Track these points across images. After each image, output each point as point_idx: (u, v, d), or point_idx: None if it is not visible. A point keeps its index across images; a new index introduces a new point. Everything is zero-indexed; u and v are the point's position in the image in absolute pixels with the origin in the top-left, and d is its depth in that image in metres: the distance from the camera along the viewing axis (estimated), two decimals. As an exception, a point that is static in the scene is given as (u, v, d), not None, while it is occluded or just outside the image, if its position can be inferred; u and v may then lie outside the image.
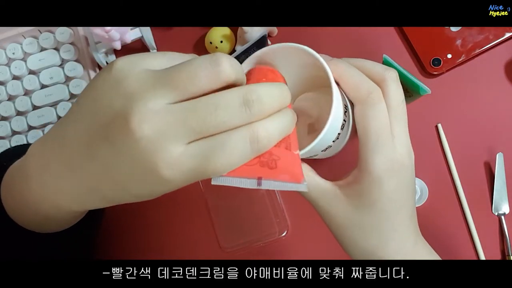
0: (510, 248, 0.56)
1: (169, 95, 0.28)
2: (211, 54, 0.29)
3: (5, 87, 0.65)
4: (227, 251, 0.61)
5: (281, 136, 0.30)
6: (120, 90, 0.28)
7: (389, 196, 0.36)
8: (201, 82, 0.28)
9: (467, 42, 0.59)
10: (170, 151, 0.27)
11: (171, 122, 0.27)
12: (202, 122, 0.27)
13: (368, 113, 0.35)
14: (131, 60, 0.29)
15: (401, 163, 0.36)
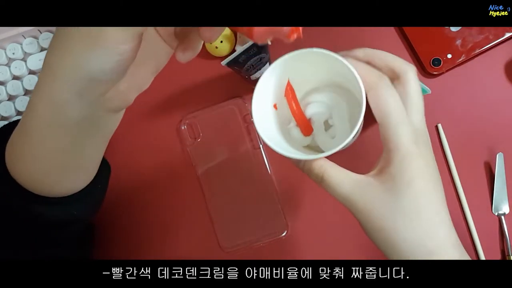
0: (510, 248, 0.56)
1: None
2: None
3: (5, 87, 0.65)
4: (227, 251, 0.61)
5: None
6: None
7: (424, 173, 0.35)
8: None
9: (467, 42, 0.59)
10: None
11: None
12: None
13: (383, 93, 0.35)
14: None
15: (422, 132, 0.37)
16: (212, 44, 0.63)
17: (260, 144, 0.62)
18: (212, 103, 0.63)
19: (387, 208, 0.35)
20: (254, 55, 0.53)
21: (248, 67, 0.54)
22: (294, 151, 0.39)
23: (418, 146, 0.35)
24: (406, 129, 0.35)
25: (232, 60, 0.52)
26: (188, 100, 0.65)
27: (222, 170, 0.62)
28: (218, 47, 0.63)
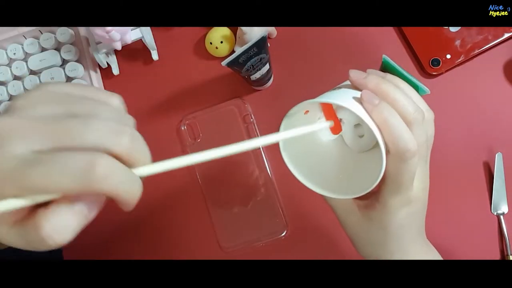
0: (509, 248, 0.56)
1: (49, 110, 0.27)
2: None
3: (6, 88, 0.65)
4: (227, 251, 0.61)
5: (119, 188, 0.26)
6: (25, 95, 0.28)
7: (399, 223, 0.39)
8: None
9: (466, 42, 0.59)
10: (9, 149, 0.25)
11: (33, 126, 0.26)
12: (64, 135, 0.26)
13: (399, 166, 0.35)
14: (53, 81, 0.30)
15: (415, 199, 0.38)
16: (212, 44, 0.63)
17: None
18: (212, 104, 0.63)
19: (361, 233, 0.42)
20: (254, 55, 0.53)
21: (248, 68, 0.54)
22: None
23: (404, 206, 0.38)
24: (400, 196, 0.37)
25: (232, 60, 0.52)
26: (188, 101, 0.65)
27: (222, 170, 0.63)
28: (218, 48, 0.63)
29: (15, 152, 0.25)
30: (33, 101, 0.28)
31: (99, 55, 0.63)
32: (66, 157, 0.25)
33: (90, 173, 0.24)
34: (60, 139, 0.25)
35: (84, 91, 0.29)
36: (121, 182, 0.26)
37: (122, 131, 0.26)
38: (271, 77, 0.62)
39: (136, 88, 0.66)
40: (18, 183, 0.25)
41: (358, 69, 0.44)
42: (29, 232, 0.26)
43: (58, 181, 0.24)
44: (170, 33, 0.67)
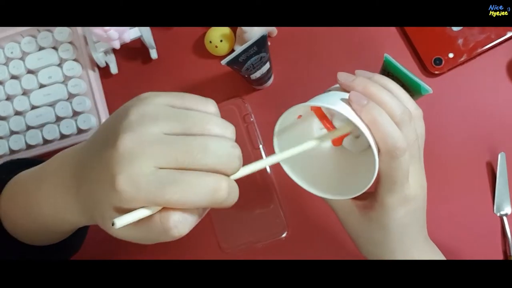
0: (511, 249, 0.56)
1: (167, 127, 0.30)
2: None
3: (3, 87, 0.65)
4: (227, 251, 0.61)
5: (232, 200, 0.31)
6: (135, 109, 0.31)
7: (398, 222, 0.39)
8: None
9: (468, 41, 0.59)
10: (139, 166, 0.29)
11: (158, 145, 0.29)
12: (187, 155, 0.29)
13: (392, 164, 0.36)
14: (153, 92, 0.33)
15: (413, 196, 0.39)
16: (212, 43, 0.62)
17: (260, 144, 0.61)
18: (211, 103, 0.63)
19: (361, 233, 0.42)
20: (254, 54, 0.53)
21: (248, 67, 0.54)
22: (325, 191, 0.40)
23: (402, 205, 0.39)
24: (397, 194, 0.38)
25: (232, 59, 0.52)
26: (187, 100, 0.64)
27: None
28: (218, 47, 0.62)
29: (144, 171, 0.29)
30: (146, 118, 0.31)
31: (97, 54, 0.62)
32: (196, 179, 0.29)
33: (216, 194, 0.29)
34: (184, 160, 0.29)
35: (185, 101, 0.33)
36: (233, 196, 0.31)
37: (233, 155, 0.31)
38: (271, 76, 0.62)
39: (135, 87, 0.66)
40: (153, 199, 0.29)
41: (360, 69, 0.44)
42: (155, 225, 0.30)
43: (190, 200, 0.29)
44: (169, 31, 0.66)
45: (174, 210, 0.29)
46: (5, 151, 0.64)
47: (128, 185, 0.28)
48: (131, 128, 0.30)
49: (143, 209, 0.29)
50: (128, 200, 0.29)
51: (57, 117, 0.64)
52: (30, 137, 0.64)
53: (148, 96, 0.33)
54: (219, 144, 0.31)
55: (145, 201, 0.29)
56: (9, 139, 0.64)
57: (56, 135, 0.64)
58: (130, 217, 0.29)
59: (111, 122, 0.33)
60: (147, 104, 0.32)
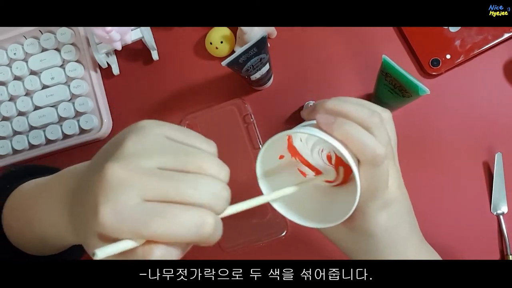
0: (509, 248, 0.56)
1: (162, 161, 0.30)
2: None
3: (7, 88, 0.65)
4: (227, 250, 0.61)
5: (216, 238, 0.31)
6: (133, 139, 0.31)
7: (383, 226, 0.39)
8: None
9: (466, 42, 0.59)
10: (124, 197, 0.28)
11: (148, 177, 0.29)
12: (177, 190, 0.29)
13: (372, 172, 0.36)
14: (154, 121, 0.33)
15: (393, 200, 0.39)
16: (212, 44, 0.63)
17: (260, 145, 0.62)
18: (212, 104, 0.63)
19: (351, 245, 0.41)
20: (254, 55, 0.53)
21: (248, 68, 0.54)
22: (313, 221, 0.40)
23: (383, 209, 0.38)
24: (377, 201, 0.38)
25: (232, 60, 0.52)
26: (188, 101, 0.65)
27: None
28: (218, 48, 0.63)
29: (130, 202, 0.28)
30: (142, 150, 0.30)
31: (99, 55, 0.63)
32: (182, 213, 0.28)
33: (202, 229, 0.29)
34: (172, 195, 0.29)
35: (186, 137, 0.33)
36: (218, 234, 0.31)
37: (222, 196, 0.31)
38: (271, 77, 0.62)
39: (136, 88, 0.66)
40: (138, 231, 0.28)
41: (358, 69, 0.44)
42: (135, 258, 0.29)
43: (176, 233, 0.28)
44: (170, 33, 0.67)
45: (157, 244, 0.29)
46: (8, 151, 0.65)
47: (111, 216, 0.28)
48: (123, 158, 0.30)
49: (127, 241, 0.28)
50: (111, 231, 0.28)
51: (59, 117, 0.65)
52: (33, 137, 0.65)
53: (149, 125, 0.32)
54: (211, 183, 0.30)
55: (128, 232, 0.28)
56: (12, 139, 0.65)
57: (58, 135, 0.65)
58: (112, 249, 0.28)
59: (109, 147, 0.33)
60: (146, 135, 0.31)
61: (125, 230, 0.28)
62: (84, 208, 0.31)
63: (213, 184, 0.31)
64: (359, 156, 0.36)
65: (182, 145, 0.32)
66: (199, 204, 0.29)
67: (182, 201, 0.29)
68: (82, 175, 0.34)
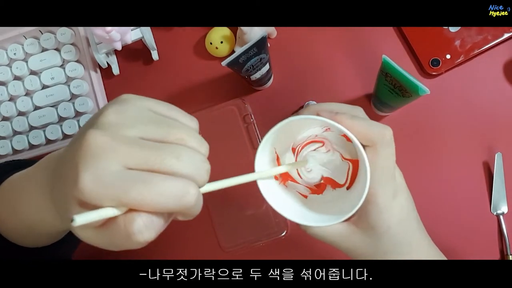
0: (509, 248, 0.56)
1: (144, 131, 0.30)
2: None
3: (6, 88, 0.65)
4: (227, 251, 0.61)
5: (197, 209, 0.31)
6: (114, 108, 0.30)
7: (397, 218, 0.38)
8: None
9: (466, 42, 0.59)
10: (105, 163, 0.28)
11: (129, 145, 0.28)
12: (159, 159, 0.28)
13: (382, 154, 0.37)
14: (137, 96, 0.32)
15: (400, 186, 0.39)
16: (212, 44, 0.63)
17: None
18: (212, 104, 0.63)
19: (368, 248, 0.39)
20: (254, 55, 0.53)
21: (248, 68, 0.55)
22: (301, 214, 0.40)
23: (395, 198, 0.38)
24: (388, 187, 0.38)
25: (232, 60, 0.52)
26: (188, 101, 0.65)
27: (222, 170, 0.62)
28: (218, 48, 0.63)
29: (111, 168, 0.27)
30: (124, 119, 0.30)
31: (99, 55, 0.63)
32: (164, 182, 0.28)
33: (184, 198, 0.28)
34: (155, 164, 0.28)
35: (168, 110, 0.33)
36: (199, 206, 0.30)
37: (203, 168, 0.30)
38: (271, 77, 0.62)
39: (137, 88, 0.66)
40: (117, 197, 0.27)
41: (358, 69, 0.44)
42: (118, 230, 0.28)
43: (157, 201, 0.28)
44: (170, 33, 0.67)
45: (139, 212, 0.28)
46: (8, 151, 0.65)
47: (91, 182, 0.27)
48: (104, 126, 0.29)
49: (108, 209, 0.27)
50: (91, 197, 0.27)
51: (59, 117, 0.65)
52: (33, 137, 0.65)
53: (132, 98, 0.32)
54: (193, 154, 0.30)
55: (108, 198, 0.27)
56: (12, 139, 0.65)
57: (58, 135, 0.65)
58: (91, 215, 0.27)
59: (90, 120, 0.32)
60: (128, 105, 0.31)
61: (106, 196, 0.27)
62: (64, 181, 0.30)
63: (195, 156, 0.30)
64: (367, 138, 0.36)
65: (164, 117, 0.32)
66: (181, 174, 0.29)
67: (164, 170, 0.28)
68: (62, 153, 0.34)
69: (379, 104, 0.58)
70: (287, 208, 0.39)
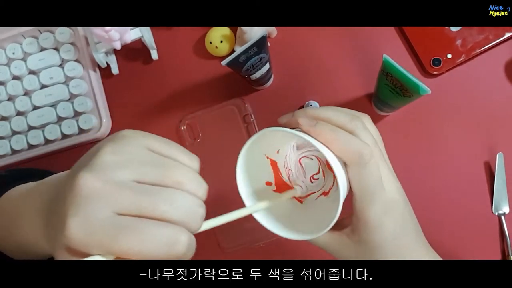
0: (510, 248, 0.56)
1: (139, 173, 0.29)
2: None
3: (5, 87, 0.65)
4: (227, 251, 0.61)
5: (189, 255, 0.30)
6: (111, 147, 0.29)
7: (391, 234, 0.38)
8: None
9: (467, 42, 0.59)
10: (95, 210, 0.27)
11: (122, 189, 0.28)
12: (151, 204, 0.27)
13: (362, 173, 0.36)
14: (137, 132, 0.31)
15: (393, 201, 0.38)
16: (212, 44, 0.63)
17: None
18: (212, 103, 0.63)
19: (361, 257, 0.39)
20: (254, 55, 0.53)
21: (248, 67, 0.54)
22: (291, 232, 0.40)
23: (386, 214, 0.37)
24: (377, 204, 0.37)
25: (232, 60, 0.52)
26: (188, 100, 0.65)
27: (221, 170, 0.62)
28: (218, 47, 0.63)
29: (100, 215, 0.27)
30: (119, 159, 0.29)
31: (98, 54, 0.62)
32: (154, 230, 0.27)
33: (174, 247, 0.27)
34: (147, 210, 0.27)
35: (168, 149, 0.32)
36: (191, 252, 0.29)
37: (198, 214, 0.30)
38: (271, 76, 0.62)
39: (136, 88, 0.66)
40: (106, 246, 0.26)
41: (358, 69, 0.44)
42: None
43: (146, 250, 0.27)
44: (170, 32, 0.66)
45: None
46: (7, 151, 0.65)
47: (78, 229, 0.26)
48: (97, 168, 0.28)
49: (96, 257, 0.27)
50: (78, 245, 0.27)
51: (58, 117, 0.65)
52: (32, 137, 0.64)
53: (130, 135, 0.31)
54: (188, 199, 0.29)
55: (96, 247, 0.27)
56: (11, 139, 0.65)
57: (57, 135, 0.64)
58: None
59: (87, 156, 0.31)
60: (125, 144, 0.30)
61: (93, 244, 0.26)
62: (55, 222, 0.29)
63: (190, 201, 0.29)
64: (344, 156, 0.36)
65: (162, 157, 0.31)
66: (173, 221, 0.28)
67: (155, 216, 0.28)
68: (60, 184, 0.33)
69: (380, 104, 0.58)
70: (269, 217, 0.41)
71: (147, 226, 0.27)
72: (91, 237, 0.26)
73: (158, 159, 0.30)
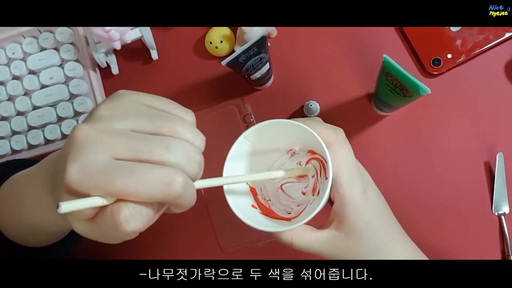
0: (510, 248, 0.56)
1: (136, 124, 0.30)
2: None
3: (5, 87, 0.65)
4: (227, 251, 0.61)
5: (186, 201, 0.30)
6: (107, 103, 0.31)
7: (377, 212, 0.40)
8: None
9: (467, 42, 0.59)
10: (93, 154, 0.28)
11: (119, 136, 0.29)
12: (148, 149, 0.28)
13: (341, 152, 0.39)
14: (133, 91, 0.33)
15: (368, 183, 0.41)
16: (212, 44, 0.63)
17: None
18: (212, 103, 0.63)
19: (354, 249, 0.40)
20: (254, 55, 0.53)
21: (248, 67, 0.54)
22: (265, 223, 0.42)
23: (365, 193, 0.40)
24: (357, 183, 0.39)
25: (232, 60, 0.52)
26: (188, 100, 0.64)
27: (221, 170, 0.62)
28: (218, 47, 0.63)
29: (98, 159, 0.28)
30: (115, 113, 0.30)
31: (98, 54, 0.62)
32: (150, 170, 0.28)
33: (170, 187, 0.28)
34: (143, 154, 0.28)
35: (164, 105, 0.33)
36: (189, 197, 0.30)
37: (194, 159, 0.30)
38: (271, 76, 0.62)
39: (136, 88, 0.65)
40: (102, 186, 0.27)
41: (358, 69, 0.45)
42: (106, 220, 0.28)
43: (142, 189, 0.27)
44: (170, 32, 0.66)
45: (126, 202, 0.28)
46: (7, 151, 0.65)
47: (77, 172, 0.27)
48: (94, 120, 0.30)
49: (94, 198, 0.27)
50: (77, 186, 0.27)
51: (58, 117, 0.65)
52: (32, 137, 0.64)
53: (127, 93, 0.32)
54: (184, 146, 0.30)
55: (94, 188, 0.27)
56: (11, 139, 0.65)
57: (57, 135, 0.64)
58: (78, 203, 0.27)
59: (87, 117, 0.32)
60: (121, 100, 0.31)
61: (91, 185, 0.27)
62: (58, 176, 0.30)
63: (187, 146, 0.30)
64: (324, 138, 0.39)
65: (158, 111, 0.32)
66: (170, 164, 0.29)
67: (153, 160, 0.28)
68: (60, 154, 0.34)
69: (379, 104, 0.58)
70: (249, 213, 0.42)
71: (143, 168, 0.28)
72: (90, 179, 0.27)
73: (154, 112, 0.31)
